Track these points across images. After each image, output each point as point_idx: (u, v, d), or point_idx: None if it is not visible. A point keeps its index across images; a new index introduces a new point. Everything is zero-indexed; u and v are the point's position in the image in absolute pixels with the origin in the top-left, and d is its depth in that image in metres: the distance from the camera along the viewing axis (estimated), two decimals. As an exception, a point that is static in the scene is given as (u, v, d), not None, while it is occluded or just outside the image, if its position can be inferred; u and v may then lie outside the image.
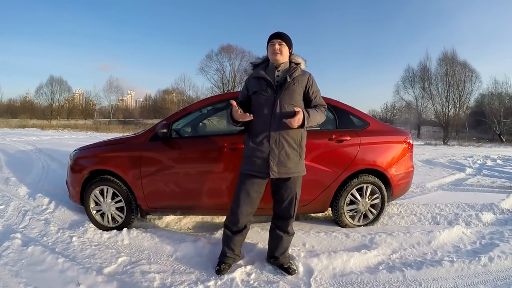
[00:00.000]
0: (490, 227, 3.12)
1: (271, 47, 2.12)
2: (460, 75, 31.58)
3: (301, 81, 2.11)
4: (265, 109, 2.05)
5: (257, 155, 2.05)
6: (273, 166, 2.02)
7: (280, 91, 2.05)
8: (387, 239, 2.66)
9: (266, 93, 2.07)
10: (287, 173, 2.06)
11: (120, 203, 2.93)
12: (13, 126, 26.19)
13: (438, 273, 2.19)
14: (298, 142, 2.09)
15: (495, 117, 31.52)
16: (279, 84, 2.07)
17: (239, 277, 2.11)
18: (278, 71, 2.12)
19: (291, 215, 2.15)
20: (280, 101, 2.03)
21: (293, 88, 2.07)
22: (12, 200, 3.63)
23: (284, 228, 2.18)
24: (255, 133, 2.07)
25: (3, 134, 14.99)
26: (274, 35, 2.15)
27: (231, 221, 2.18)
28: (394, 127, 3.38)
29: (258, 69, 2.18)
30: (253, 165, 2.07)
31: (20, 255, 2.35)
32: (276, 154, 2.02)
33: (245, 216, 2.15)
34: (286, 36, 2.16)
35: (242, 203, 2.11)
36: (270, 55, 2.14)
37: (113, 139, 3.34)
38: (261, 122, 2.05)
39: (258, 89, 2.09)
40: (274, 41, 2.11)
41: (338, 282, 2.09)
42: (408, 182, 3.27)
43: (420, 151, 11.20)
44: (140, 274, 2.15)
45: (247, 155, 2.12)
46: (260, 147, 2.04)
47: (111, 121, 39.10)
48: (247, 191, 2.10)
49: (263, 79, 2.10)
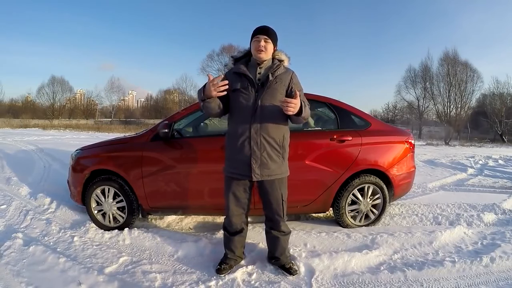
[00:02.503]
0: (492, 227, 3.11)
1: (255, 42, 1.98)
2: (461, 75, 31.56)
3: (283, 79, 2.01)
4: (246, 108, 1.96)
5: (238, 158, 1.99)
6: (255, 168, 1.96)
7: (261, 90, 1.96)
8: (388, 239, 2.66)
9: (247, 92, 1.97)
10: (270, 175, 2.00)
11: (121, 203, 2.93)
12: (15, 126, 26.24)
13: (440, 273, 2.18)
14: (280, 143, 2.01)
15: (497, 117, 31.43)
16: (261, 82, 1.98)
17: (240, 277, 2.11)
18: (261, 68, 2.01)
19: (281, 216, 2.12)
20: (261, 100, 1.94)
21: (275, 87, 1.98)
22: (13, 199, 3.64)
23: (278, 229, 2.15)
24: (235, 134, 1.99)
25: (5, 134, 15.03)
26: (259, 30, 2.00)
27: (226, 223, 2.19)
28: (396, 127, 3.37)
29: (239, 64, 2.04)
30: (235, 167, 2.02)
31: (22, 254, 2.35)
32: (258, 156, 1.96)
33: (238, 217, 2.14)
34: (273, 31, 2.02)
35: (231, 205, 2.09)
36: (253, 52, 2.00)
37: (114, 139, 3.34)
38: (241, 123, 1.97)
39: (238, 87, 1.98)
40: (259, 37, 1.97)
41: (340, 282, 2.09)
42: (409, 182, 3.27)
43: (422, 151, 11.18)
44: (142, 274, 2.15)
45: (228, 157, 2.07)
46: (241, 149, 1.97)
47: (113, 121, 39.14)
48: (234, 193, 2.07)
49: (245, 76, 1.99)
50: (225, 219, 2.20)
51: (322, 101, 3.13)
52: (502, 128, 31.06)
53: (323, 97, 3.14)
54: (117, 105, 48.06)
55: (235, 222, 2.14)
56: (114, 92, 44.99)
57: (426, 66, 33.45)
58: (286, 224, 2.19)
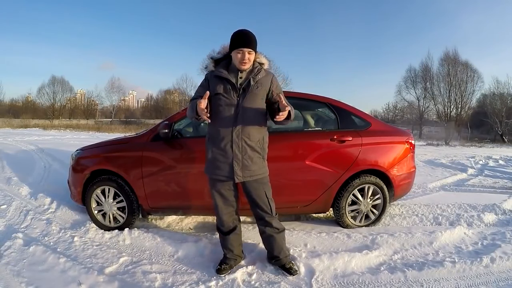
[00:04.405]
0: (492, 227, 3.11)
1: (239, 55, 1.93)
2: (462, 75, 31.61)
3: (264, 83, 2.03)
4: (228, 113, 1.98)
5: (220, 160, 2.02)
6: (237, 170, 2.01)
7: (243, 94, 1.98)
8: (388, 239, 2.66)
9: (229, 96, 1.98)
10: (252, 176, 2.05)
11: (121, 203, 2.93)
12: (15, 126, 26.27)
13: (440, 273, 2.18)
14: (261, 145, 2.06)
15: (497, 117, 31.37)
16: (242, 87, 1.99)
17: (240, 277, 2.11)
18: (242, 72, 2.01)
19: (270, 213, 2.14)
20: (243, 106, 1.97)
21: (256, 92, 2.00)
22: (14, 199, 3.64)
23: (271, 226, 2.16)
24: (217, 138, 2.01)
25: (5, 134, 15.05)
26: (242, 42, 1.92)
27: (219, 223, 2.21)
28: (396, 128, 3.37)
29: (220, 67, 2.03)
30: (217, 169, 2.04)
31: (22, 254, 2.36)
32: (240, 159, 2.00)
33: (228, 215, 2.17)
34: (255, 40, 1.96)
35: (220, 205, 2.13)
36: (236, 63, 1.97)
37: (114, 139, 3.34)
38: (223, 127, 1.99)
39: (221, 91, 1.99)
40: (243, 50, 1.92)
41: (340, 282, 2.09)
42: (410, 182, 3.27)
43: (422, 152, 11.17)
44: (142, 274, 2.15)
45: (210, 160, 2.07)
46: (223, 153, 2.01)
47: (113, 121, 39.13)
48: (220, 192, 2.10)
49: (227, 80, 1.99)
50: (216, 219, 2.22)
51: (322, 102, 3.13)
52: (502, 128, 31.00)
53: (323, 97, 3.14)
54: (117, 105, 48.03)
55: (227, 220, 2.17)
56: (115, 92, 45.03)
57: (426, 66, 33.50)
58: (278, 221, 2.20)
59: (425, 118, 34.17)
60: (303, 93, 3.15)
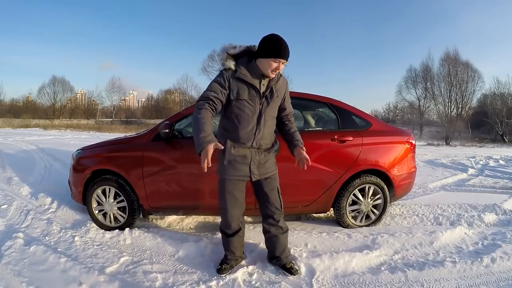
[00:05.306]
0: (493, 228, 3.11)
1: (274, 64, 1.85)
2: (462, 75, 31.61)
3: (280, 91, 2.05)
4: (251, 121, 1.97)
5: (239, 161, 2.02)
6: (254, 169, 2.04)
7: (265, 102, 1.98)
8: (389, 239, 2.66)
9: (253, 104, 1.95)
10: (266, 173, 2.11)
11: (122, 203, 2.93)
12: (16, 126, 26.31)
13: (440, 273, 2.18)
14: (273, 145, 2.13)
15: (498, 117, 31.36)
16: (264, 95, 1.97)
17: (241, 277, 2.11)
18: (264, 79, 1.95)
19: (280, 208, 2.16)
20: (265, 113, 1.99)
21: (276, 101, 2.04)
22: (14, 199, 3.65)
23: (277, 225, 2.16)
24: (238, 143, 1.99)
25: (6, 134, 15.06)
26: (283, 52, 1.85)
27: (224, 225, 2.18)
28: (397, 128, 3.37)
29: (243, 69, 1.91)
30: (235, 170, 2.03)
31: (22, 254, 2.36)
32: (257, 160, 2.05)
33: (236, 218, 2.15)
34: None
35: (231, 207, 2.10)
36: (266, 70, 1.88)
37: (115, 139, 3.34)
38: (245, 133, 1.97)
39: (245, 98, 1.93)
40: (280, 61, 1.86)
41: (340, 282, 2.09)
42: (410, 182, 3.26)
43: (423, 152, 11.17)
44: (142, 274, 2.15)
45: (228, 161, 2.02)
46: (243, 155, 2.02)
47: (113, 121, 39.21)
48: (233, 194, 2.08)
49: (252, 87, 1.93)
50: (222, 221, 2.20)
51: (323, 102, 3.13)
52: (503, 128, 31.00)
53: (324, 98, 3.14)
54: (118, 105, 48.07)
55: (234, 223, 2.16)
56: (115, 92, 45.07)
57: (427, 66, 33.50)
58: (283, 219, 2.21)
59: (426, 118, 34.19)
60: (304, 93, 3.14)
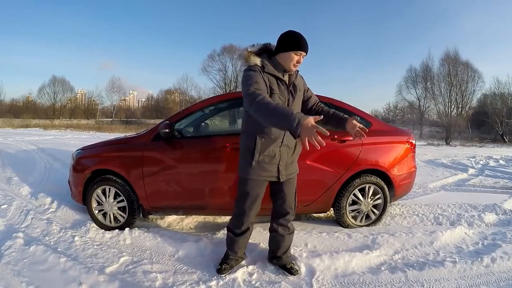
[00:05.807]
0: (493, 227, 3.11)
1: (296, 56, 1.89)
2: (462, 75, 31.66)
3: (300, 85, 2.06)
4: None
5: (267, 162, 2.00)
6: (282, 170, 2.04)
7: (292, 97, 1.99)
8: (389, 239, 2.66)
9: (283, 98, 1.95)
10: (291, 174, 2.12)
11: (122, 203, 2.93)
12: (16, 126, 26.30)
13: (441, 273, 2.18)
14: (297, 144, 2.10)
15: (498, 117, 31.40)
16: (289, 90, 1.99)
17: (241, 277, 2.11)
18: (286, 74, 1.99)
19: (293, 208, 2.17)
20: (293, 107, 1.98)
21: (299, 95, 2.05)
22: (14, 199, 3.64)
23: (287, 225, 2.18)
24: (269, 139, 1.95)
25: (6, 134, 15.06)
26: (304, 45, 1.89)
27: (235, 225, 2.17)
28: (397, 127, 3.37)
29: (269, 65, 1.92)
30: (264, 170, 2.01)
31: (22, 254, 2.36)
32: (285, 159, 2.05)
33: (251, 219, 2.16)
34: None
35: (249, 209, 2.09)
36: (289, 64, 1.91)
37: (115, 139, 3.34)
38: (276, 130, 1.92)
39: (277, 91, 1.92)
40: (301, 53, 1.90)
41: (340, 282, 2.09)
42: (410, 182, 3.26)
43: (423, 152, 11.17)
44: (142, 274, 2.15)
45: (257, 161, 1.98)
46: (272, 155, 1.99)
47: (113, 121, 39.20)
48: (257, 195, 2.07)
49: (280, 81, 1.94)
50: (232, 220, 2.19)
51: (323, 101, 3.09)
52: (503, 128, 31.03)
53: (324, 97, 3.13)
54: (118, 105, 48.13)
55: (247, 224, 2.15)
56: (115, 92, 45.12)
57: (427, 66, 33.56)
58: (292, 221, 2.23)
59: (426, 118, 34.23)
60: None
